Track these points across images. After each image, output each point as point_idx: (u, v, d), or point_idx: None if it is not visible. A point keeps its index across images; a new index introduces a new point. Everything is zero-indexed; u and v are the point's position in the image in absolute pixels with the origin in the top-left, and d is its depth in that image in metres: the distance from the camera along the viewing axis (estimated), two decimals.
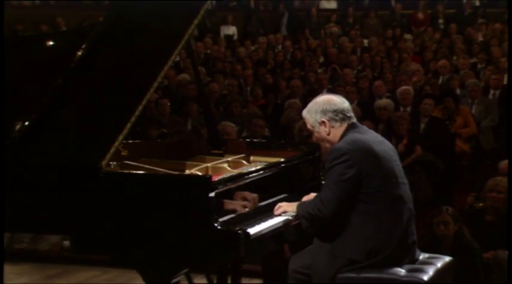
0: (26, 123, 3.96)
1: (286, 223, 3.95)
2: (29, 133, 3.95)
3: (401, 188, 3.92)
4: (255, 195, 4.05)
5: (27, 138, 3.93)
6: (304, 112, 4.08)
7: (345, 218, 3.83)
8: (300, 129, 8.05)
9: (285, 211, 4.03)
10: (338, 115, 3.96)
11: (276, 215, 3.98)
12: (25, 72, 4.35)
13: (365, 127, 4.05)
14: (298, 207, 3.98)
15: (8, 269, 6.52)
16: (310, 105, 4.05)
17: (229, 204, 3.83)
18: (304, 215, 3.89)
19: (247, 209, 3.92)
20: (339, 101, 4.02)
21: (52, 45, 4.51)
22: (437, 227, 5.71)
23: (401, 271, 3.83)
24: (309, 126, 4.07)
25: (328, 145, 4.02)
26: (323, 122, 3.97)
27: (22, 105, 4.10)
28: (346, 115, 3.98)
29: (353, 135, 3.91)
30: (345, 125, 3.97)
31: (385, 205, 3.83)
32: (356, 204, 3.82)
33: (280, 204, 4.07)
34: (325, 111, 3.97)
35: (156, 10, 4.42)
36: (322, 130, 3.98)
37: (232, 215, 3.83)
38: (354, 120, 4.02)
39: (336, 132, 3.97)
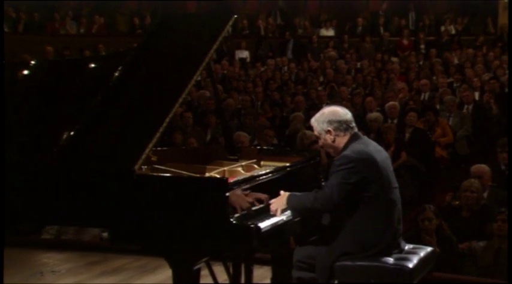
0: (72, 133, 3.96)
1: (291, 218, 3.91)
2: (75, 141, 3.94)
3: (394, 192, 3.89)
4: (266, 195, 4.01)
5: (73, 146, 3.93)
6: (312, 121, 3.99)
7: (345, 218, 3.81)
8: (301, 137, 8.02)
9: (277, 209, 3.88)
10: (342, 125, 3.89)
11: (283, 212, 3.93)
12: (71, 89, 4.34)
13: (366, 138, 3.98)
14: (289, 200, 3.86)
15: (56, 256, 6.55)
16: (318, 115, 3.97)
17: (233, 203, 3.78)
18: (296, 207, 3.83)
19: (246, 210, 3.85)
20: (343, 112, 3.94)
21: (94, 67, 4.51)
22: (422, 223, 5.69)
23: (390, 260, 3.80)
24: (315, 133, 3.99)
25: (331, 150, 3.96)
26: (329, 131, 3.89)
27: (68, 117, 4.10)
28: (350, 126, 3.91)
29: (359, 146, 3.84)
30: (348, 135, 3.89)
31: (380, 207, 3.79)
32: (356, 205, 3.78)
33: (271, 206, 3.90)
34: (331, 121, 3.89)
35: (181, 37, 4.42)
36: (328, 138, 3.91)
37: (246, 212, 3.80)
38: (356, 130, 3.95)
39: (340, 140, 3.89)
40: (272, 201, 3.95)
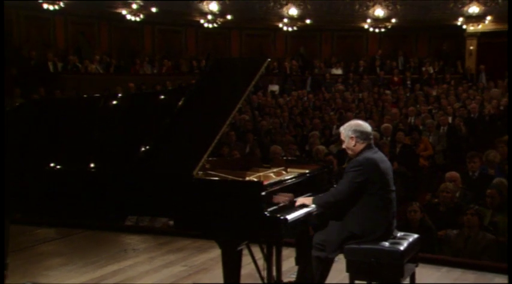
0: (147, 147, 3.95)
1: (310, 212, 3.85)
2: (149, 153, 3.93)
3: (391, 194, 3.84)
4: (290, 194, 3.98)
5: (148, 157, 3.91)
6: (341, 128, 3.96)
7: (352, 207, 3.77)
8: (316, 152, 7.95)
9: (302, 204, 3.84)
10: (363, 135, 3.85)
11: (304, 207, 3.86)
12: (147, 114, 4.35)
13: (376, 149, 3.92)
14: (315, 199, 3.86)
15: (135, 238, 6.59)
16: (346, 124, 3.94)
17: (275, 199, 3.75)
18: (320, 203, 3.80)
19: (286, 202, 3.83)
20: (366, 126, 3.91)
21: (163, 98, 4.51)
22: (409, 213, 5.71)
23: (386, 244, 3.76)
24: (342, 137, 3.95)
25: (351, 153, 3.92)
26: (352, 137, 3.86)
27: (144, 135, 4.09)
28: (368, 137, 3.87)
29: (368, 154, 3.80)
30: (365, 143, 3.85)
31: (379, 203, 3.75)
32: (361, 199, 3.73)
33: (297, 200, 3.87)
34: (355, 130, 3.86)
35: (228, 75, 4.40)
36: (350, 142, 3.87)
37: (276, 207, 3.75)
38: (372, 141, 3.90)
39: (358, 146, 3.85)
40: (299, 198, 3.91)
